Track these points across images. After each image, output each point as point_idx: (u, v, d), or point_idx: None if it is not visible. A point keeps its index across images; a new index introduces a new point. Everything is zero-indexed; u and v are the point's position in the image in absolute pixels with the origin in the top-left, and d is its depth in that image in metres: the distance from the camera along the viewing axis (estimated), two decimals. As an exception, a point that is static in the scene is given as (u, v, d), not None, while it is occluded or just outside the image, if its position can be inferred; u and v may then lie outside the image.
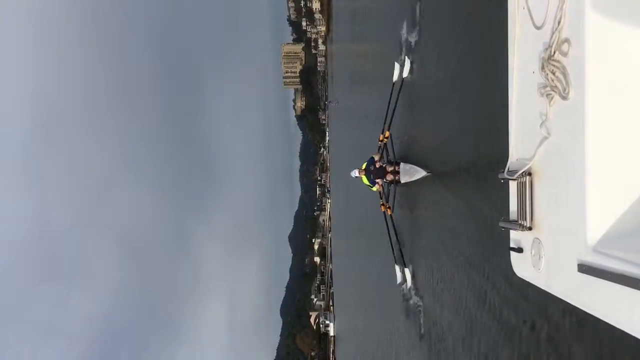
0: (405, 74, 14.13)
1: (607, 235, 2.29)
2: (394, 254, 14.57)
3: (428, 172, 11.62)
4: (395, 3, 17.93)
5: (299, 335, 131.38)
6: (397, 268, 14.40)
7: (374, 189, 14.47)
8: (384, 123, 14.34)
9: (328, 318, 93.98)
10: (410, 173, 12.39)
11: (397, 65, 14.65)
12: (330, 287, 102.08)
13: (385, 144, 14.08)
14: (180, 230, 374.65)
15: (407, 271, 13.80)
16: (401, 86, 14.23)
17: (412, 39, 13.99)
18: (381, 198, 14.69)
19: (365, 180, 14.41)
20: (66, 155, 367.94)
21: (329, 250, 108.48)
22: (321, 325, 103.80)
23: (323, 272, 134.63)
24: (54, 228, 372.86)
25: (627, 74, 2.27)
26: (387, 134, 13.99)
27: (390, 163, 13.62)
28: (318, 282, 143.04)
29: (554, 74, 2.47)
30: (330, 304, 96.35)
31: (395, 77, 14.76)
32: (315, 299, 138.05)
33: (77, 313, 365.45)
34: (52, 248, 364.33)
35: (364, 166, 14.41)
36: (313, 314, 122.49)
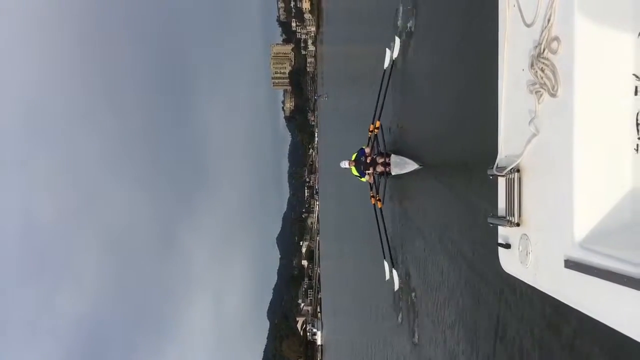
0: (395, 54, 13.82)
1: (593, 231, 2.32)
2: (382, 250, 14.33)
3: (420, 165, 11.44)
4: (386, 2, 17.87)
5: (285, 342, 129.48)
6: (386, 264, 14.18)
7: (364, 179, 14.29)
8: (375, 112, 14.06)
9: (315, 326, 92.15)
10: (401, 165, 12.21)
11: (387, 51, 14.35)
12: (318, 292, 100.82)
13: (375, 134, 13.80)
14: (167, 229, 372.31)
15: (395, 268, 13.61)
16: (392, 70, 13.93)
17: (404, 35, 13.86)
18: (371, 190, 14.44)
19: (354, 171, 14.27)
20: (53, 153, 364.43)
21: (317, 253, 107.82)
22: (308, 333, 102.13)
23: (311, 276, 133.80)
24: (40, 226, 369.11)
25: (615, 73, 2.30)
26: (377, 123, 13.71)
27: (380, 154, 13.37)
28: (305, 286, 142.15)
29: (543, 71, 2.49)
30: (318, 310, 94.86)
31: (385, 64, 14.47)
32: (302, 304, 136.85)
33: (63, 313, 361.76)
34: (37, 246, 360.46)
35: (353, 157, 14.26)
36: (300, 319, 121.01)
